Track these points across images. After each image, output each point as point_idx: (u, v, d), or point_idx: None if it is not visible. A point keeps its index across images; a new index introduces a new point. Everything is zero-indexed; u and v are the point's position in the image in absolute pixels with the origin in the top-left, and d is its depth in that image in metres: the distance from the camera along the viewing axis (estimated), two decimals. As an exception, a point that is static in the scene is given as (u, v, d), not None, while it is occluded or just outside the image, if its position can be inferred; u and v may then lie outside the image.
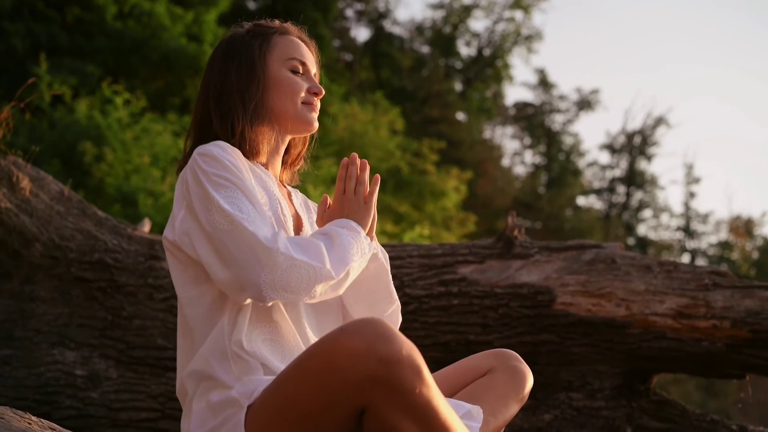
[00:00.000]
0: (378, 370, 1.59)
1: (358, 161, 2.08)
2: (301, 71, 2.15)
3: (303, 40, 2.21)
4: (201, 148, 1.95)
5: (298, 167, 2.31)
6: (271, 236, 1.83)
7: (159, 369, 3.88)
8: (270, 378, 1.81)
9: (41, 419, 2.29)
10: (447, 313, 3.90)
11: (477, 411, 1.93)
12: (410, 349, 1.63)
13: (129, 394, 3.84)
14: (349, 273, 1.93)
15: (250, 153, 2.07)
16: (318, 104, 2.17)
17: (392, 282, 2.19)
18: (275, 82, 2.11)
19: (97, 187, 10.36)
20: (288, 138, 2.18)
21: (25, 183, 3.93)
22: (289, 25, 2.21)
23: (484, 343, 3.80)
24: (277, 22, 2.20)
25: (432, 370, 1.74)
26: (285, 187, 2.23)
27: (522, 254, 4.00)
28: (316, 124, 2.16)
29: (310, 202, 2.31)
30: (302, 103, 2.12)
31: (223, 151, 1.95)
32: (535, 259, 3.98)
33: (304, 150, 2.30)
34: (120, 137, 10.57)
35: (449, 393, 2.08)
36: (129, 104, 11.19)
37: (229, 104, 2.07)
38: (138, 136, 10.82)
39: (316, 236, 1.97)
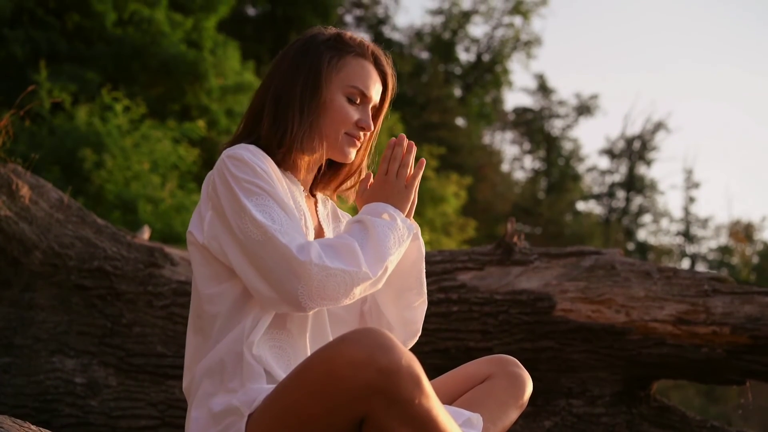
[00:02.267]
0: (377, 381, 1.59)
1: (405, 142, 2.05)
2: (358, 101, 2.09)
3: (379, 68, 2.15)
4: (231, 151, 1.93)
5: (345, 193, 2.24)
6: (305, 246, 1.82)
7: (159, 377, 3.87)
8: (272, 387, 1.81)
9: (41, 428, 2.29)
10: (447, 320, 3.90)
11: (477, 419, 1.93)
12: (410, 359, 1.63)
13: (129, 402, 3.83)
14: (387, 268, 1.91)
15: (284, 164, 2.04)
16: (362, 138, 2.13)
17: (425, 275, 2.15)
18: (328, 106, 2.05)
19: (97, 194, 10.35)
20: (324, 159, 2.13)
21: (25, 191, 3.93)
22: (369, 48, 2.14)
23: (484, 350, 3.79)
24: (359, 40, 2.14)
25: (431, 377, 1.74)
26: (313, 196, 2.20)
27: (521, 261, 3.99)
28: (351, 158, 2.12)
29: (339, 211, 2.28)
30: (345, 133, 2.08)
31: (254, 155, 1.93)
32: (534, 266, 3.97)
33: (355, 181, 2.23)
34: (120, 144, 10.55)
35: (448, 400, 2.08)
36: (128, 111, 11.17)
37: (286, 111, 2.03)
38: (138, 143, 10.81)
39: (351, 227, 1.95)
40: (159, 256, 4.06)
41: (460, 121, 26.37)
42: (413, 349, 1.77)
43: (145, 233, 5.05)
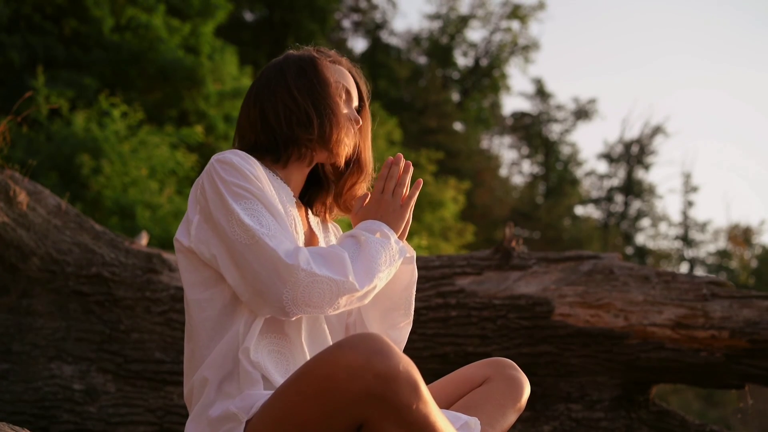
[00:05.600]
0: (375, 387, 1.59)
1: (402, 162, 2.07)
2: (344, 98, 2.15)
3: (352, 74, 2.22)
4: (220, 155, 1.94)
5: (347, 203, 2.24)
6: (293, 251, 1.83)
7: (157, 383, 3.87)
8: (269, 393, 1.80)
9: (38, 435, 2.28)
10: (445, 325, 3.90)
11: (475, 423, 1.93)
12: (407, 365, 1.62)
13: (127, 408, 3.83)
14: (376, 285, 1.92)
15: (278, 169, 2.08)
16: (354, 130, 2.16)
17: (414, 297, 2.17)
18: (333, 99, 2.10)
19: (95, 200, 10.34)
20: (317, 160, 2.15)
21: (23, 197, 3.93)
22: (342, 58, 2.22)
23: (482, 355, 3.79)
24: (332, 52, 2.21)
25: (430, 382, 1.73)
26: (303, 205, 2.21)
27: (520, 265, 3.99)
28: (348, 149, 2.13)
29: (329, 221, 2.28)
30: None
31: (243, 160, 1.93)
32: (533, 270, 3.97)
33: (356, 187, 2.23)
34: (117, 149, 10.54)
35: (446, 404, 2.08)
36: (126, 116, 11.17)
37: (324, 104, 2.06)
38: (135, 149, 10.80)
39: (344, 240, 1.96)
40: (157, 262, 4.06)
41: (458, 126, 26.40)
42: (412, 354, 1.77)
43: (143, 239, 5.04)
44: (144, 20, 12.94)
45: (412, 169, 2.08)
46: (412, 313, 2.17)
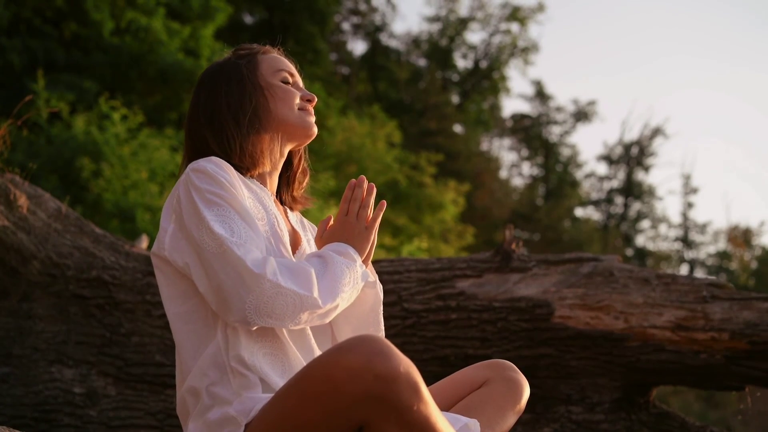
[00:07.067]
0: (375, 388, 1.59)
1: (366, 184, 2.07)
2: (291, 81, 2.16)
3: (285, 56, 2.23)
4: (195, 164, 1.94)
5: (303, 187, 2.30)
6: (261, 261, 1.82)
7: (157, 386, 3.87)
8: (268, 395, 1.80)
9: (39, 438, 2.28)
10: (445, 327, 3.90)
11: (474, 424, 1.93)
12: (408, 366, 1.62)
13: (128, 412, 3.82)
14: (339, 304, 1.92)
15: (252, 165, 2.07)
16: (312, 110, 2.19)
17: (382, 316, 2.19)
18: (270, 92, 2.11)
19: (95, 203, 10.35)
20: (288, 147, 2.17)
21: (23, 200, 3.93)
22: (268, 47, 2.23)
23: (482, 357, 3.79)
24: (256, 45, 2.22)
25: (430, 384, 1.73)
26: (282, 204, 2.23)
27: (520, 267, 3.99)
28: (315, 129, 2.17)
29: (305, 220, 2.30)
30: (299, 109, 2.13)
31: (217, 167, 1.94)
32: (533, 273, 3.97)
33: (303, 162, 2.29)
34: (117, 152, 10.56)
35: (446, 406, 2.08)
36: (126, 119, 11.19)
37: (221, 121, 2.06)
38: (135, 151, 10.82)
39: (311, 259, 1.96)
40: (157, 265, 4.05)
41: (457, 128, 26.42)
42: (412, 357, 1.76)
43: (143, 242, 5.05)
44: (144, 23, 12.96)
45: (375, 190, 2.07)
46: (383, 328, 2.18)
